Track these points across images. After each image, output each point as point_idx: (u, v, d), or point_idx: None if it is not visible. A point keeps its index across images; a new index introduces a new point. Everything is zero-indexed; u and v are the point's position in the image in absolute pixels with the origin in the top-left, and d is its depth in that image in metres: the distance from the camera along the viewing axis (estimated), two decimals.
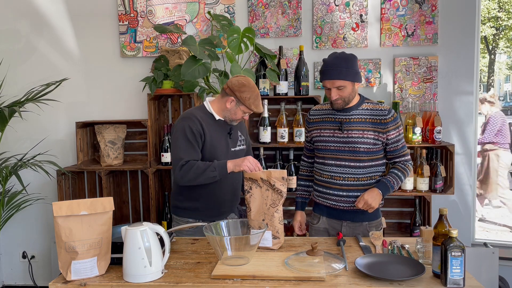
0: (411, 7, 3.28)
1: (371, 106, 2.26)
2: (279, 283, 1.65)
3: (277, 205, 2.01)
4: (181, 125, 2.24)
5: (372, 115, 2.23)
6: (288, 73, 3.29)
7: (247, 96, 2.21)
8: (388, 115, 2.22)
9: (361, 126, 2.23)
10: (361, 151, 2.22)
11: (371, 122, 2.23)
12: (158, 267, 1.72)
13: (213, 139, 2.26)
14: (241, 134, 2.44)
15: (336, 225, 2.33)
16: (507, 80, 24.01)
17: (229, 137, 2.35)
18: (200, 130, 2.22)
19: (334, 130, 2.27)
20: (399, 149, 2.28)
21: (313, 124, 2.37)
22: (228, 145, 2.33)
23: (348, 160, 2.24)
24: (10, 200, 3.41)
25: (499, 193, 5.64)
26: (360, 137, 2.22)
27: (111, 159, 3.36)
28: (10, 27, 3.64)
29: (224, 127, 2.33)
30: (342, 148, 2.25)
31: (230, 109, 2.26)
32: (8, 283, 3.83)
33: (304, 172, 2.52)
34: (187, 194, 2.34)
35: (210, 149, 2.25)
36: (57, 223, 1.69)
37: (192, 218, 2.35)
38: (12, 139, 3.66)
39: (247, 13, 3.43)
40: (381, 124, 2.22)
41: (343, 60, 2.15)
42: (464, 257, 1.57)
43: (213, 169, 2.13)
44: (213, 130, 2.28)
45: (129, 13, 3.50)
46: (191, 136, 2.20)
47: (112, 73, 3.59)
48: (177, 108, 3.54)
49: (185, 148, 2.20)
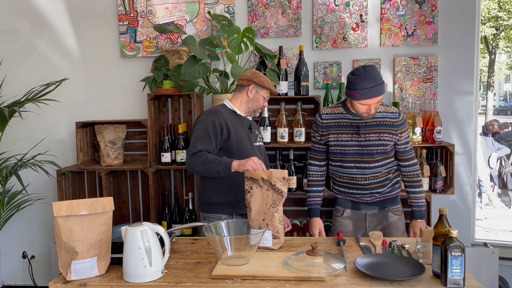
0: (411, 7, 3.28)
1: (383, 109, 2.35)
2: (279, 283, 1.65)
3: (277, 205, 2.01)
4: (204, 118, 2.34)
5: (385, 117, 2.34)
6: (288, 73, 3.29)
7: (264, 79, 2.39)
8: (399, 117, 2.35)
9: (377, 129, 2.33)
10: (378, 152, 2.34)
11: (385, 124, 2.34)
12: (158, 267, 1.72)
13: (238, 132, 2.35)
14: (258, 133, 2.56)
15: (360, 215, 2.48)
16: (507, 80, 24.00)
17: (250, 132, 2.44)
18: (222, 124, 2.30)
19: (352, 134, 2.35)
20: (407, 150, 2.41)
21: (327, 128, 2.40)
22: (250, 139, 2.42)
23: (367, 162, 2.35)
24: (10, 200, 3.41)
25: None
26: (377, 139, 2.32)
27: (111, 159, 3.36)
28: (10, 27, 3.64)
29: (245, 123, 2.44)
30: (361, 151, 2.35)
31: (252, 98, 2.40)
32: (8, 283, 3.83)
33: (314, 177, 2.53)
34: (216, 189, 2.37)
35: (236, 141, 2.33)
36: (57, 223, 1.69)
37: (224, 214, 2.37)
38: (12, 139, 3.66)
39: (247, 13, 3.43)
40: (394, 126, 2.34)
41: (377, 76, 2.20)
42: (464, 257, 1.57)
43: (219, 163, 2.15)
44: (237, 124, 2.38)
45: (129, 13, 3.50)
46: (211, 128, 2.27)
47: (112, 73, 3.59)
48: (177, 108, 3.54)
49: (201, 139, 2.26)
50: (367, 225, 2.46)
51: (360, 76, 2.19)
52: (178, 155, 3.26)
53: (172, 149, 3.31)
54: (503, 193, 7.07)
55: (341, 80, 3.35)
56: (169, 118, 3.55)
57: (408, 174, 2.43)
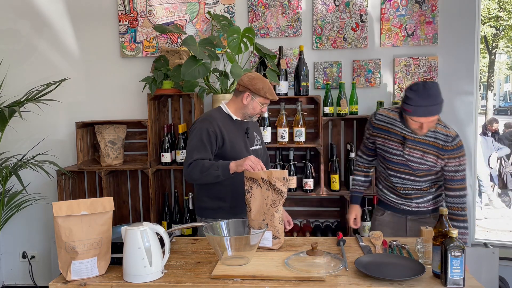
0: (411, 7, 3.28)
1: (438, 128, 2.18)
2: (279, 283, 1.65)
3: (277, 205, 2.00)
4: (198, 126, 2.31)
5: (436, 138, 2.18)
6: (288, 73, 3.29)
7: (260, 87, 2.27)
8: (451, 142, 2.16)
9: (423, 147, 2.20)
10: (420, 169, 2.24)
11: (434, 145, 2.18)
12: (158, 267, 1.72)
13: (232, 139, 2.31)
14: (257, 135, 2.49)
15: (401, 218, 2.40)
16: (507, 80, 24.01)
17: (247, 136, 2.40)
18: (216, 131, 2.27)
19: (397, 143, 2.26)
20: (455, 180, 2.20)
21: (378, 130, 2.33)
22: (246, 144, 2.37)
23: (409, 174, 2.28)
24: (10, 200, 3.41)
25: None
26: (420, 158, 2.21)
27: (111, 159, 3.36)
28: (10, 27, 3.64)
29: (241, 127, 2.38)
30: (404, 162, 2.26)
31: (247, 105, 2.32)
32: (8, 283, 3.83)
33: (361, 168, 2.53)
34: (211, 194, 2.37)
35: (230, 148, 2.30)
36: (57, 223, 1.69)
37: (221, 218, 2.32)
38: (12, 139, 3.66)
39: (247, 13, 3.43)
40: (442, 150, 2.17)
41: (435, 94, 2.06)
42: (464, 257, 1.57)
43: (217, 168, 2.16)
44: (231, 130, 2.33)
45: (129, 13, 3.50)
46: (206, 137, 2.25)
47: (112, 73, 3.59)
48: (177, 108, 3.54)
49: (197, 148, 2.25)
50: (408, 229, 2.38)
51: (417, 92, 2.06)
52: (178, 155, 3.26)
53: (172, 149, 3.31)
54: (503, 193, 7.07)
55: (341, 80, 3.35)
56: (169, 118, 3.55)
57: (451, 206, 2.22)
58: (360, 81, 3.36)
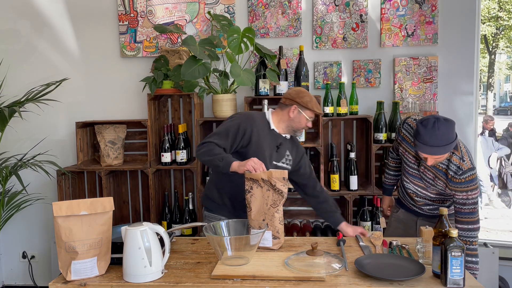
0: (411, 7, 3.28)
1: (453, 159, 2.10)
2: (279, 283, 1.66)
3: (277, 205, 2.01)
4: (236, 118, 2.33)
5: (448, 168, 2.11)
6: (288, 73, 3.29)
7: (308, 100, 2.28)
8: (461, 175, 2.07)
9: (436, 172, 2.17)
10: (431, 186, 2.24)
11: (445, 173, 2.13)
12: (158, 267, 1.72)
13: (259, 144, 2.28)
14: (289, 154, 2.40)
15: (412, 217, 2.44)
16: (507, 80, 24.01)
17: (276, 150, 2.34)
18: (246, 130, 2.25)
19: (415, 158, 2.26)
20: (462, 212, 2.10)
21: (402, 140, 2.31)
22: (271, 156, 2.32)
23: (421, 187, 2.30)
24: (10, 200, 3.41)
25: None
26: (431, 179, 2.21)
27: (111, 159, 3.36)
28: (10, 27, 3.64)
29: (274, 139, 2.34)
30: (417, 176, 2.28)
31: (294, 118, 2.31)
32: (8, 283, 3.83)
33: (392, 163, 2.58)
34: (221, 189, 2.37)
35: (253, 151, 2.26)
36: (57, 223, 1.69)
37: (223, 216, 2.34)
38: (12, 139, 3.66)
39: (247, 13, 3.43)
40: (451, 181, 2.11)
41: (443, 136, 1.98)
42: (464, 257, 1.57)
43: (221, 159, 2.13)
44: (263, 136, 2.30)
45: (129, 13, 3.50)
46: (233, 130, 2.25)
47: (112, 73, 3.59)
48: (177, 108, 3.54)
49: (220, 134, 2.25)
50: (418, 228, 2.38)
51: (426, 128, 2.00)
52: (178, 155, 3.26)
53: (172, 149, 3.31)
54: (503, 193, 7.07)
55: (341, 80, 3.35)
56: (169, 118, 3.55)
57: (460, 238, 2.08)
58: (360, 81, 3.36)
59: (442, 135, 1.97)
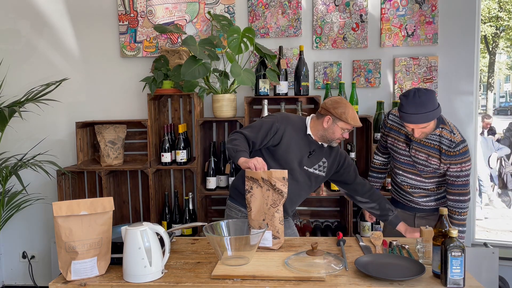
0: (411, 7, 3.28)
1: (444, 133, 2.20)
2: (279, 283, 1.66)
3: (277, 205, 2.01)
4: (275, 116, 2.34)
5: (440, 143, 2.20)
6: (288, 73, 3.29)
7: (343, 111, 2.22)
8: (454, 148, 2.17)
9: (428, 150, 2.23)
10: (426, 171, 2.28)
11: (438, 149, 2.21)
12: (158, 267, 1.72)
13: (291, 147, 2.28)
14: (326, 161, 2.36)
15: (409, 216, 2.45)
16: (507, 80, 24.02)
17: (308, 155, 2.32)
18: (279, 130, 2.26)
19: (405, 144, 2.31)
20: (456, 185, 2.23)
21: (390, 130, 2.39)
22: (302, 161, 2.30)
23: (415, 174, 2.33)
24: (10, 200, 3.41)
25: None
26: (424, 160, 2.25)
27: (111, 159, 3.36)
28: (10, 27, 3.64)
29: (309, 145, 2.31)
30: (411, 163, 2.31)
31: (327, 128, 2.26)
32: (8, 283, 3.83)
33: (376, 165, 2.59)
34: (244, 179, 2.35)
35: (283, 152, 2.26)
36: (57, 223, 1.69)
37: (244, 208, 2.32)
38: (12, 139, 3.66)
39: (247, 13, 3.43)
40: (444, 155, 2.19)
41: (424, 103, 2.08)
42: (464, 257, 1.57)
43: (235, 150, 2.14)
44: (297, 140, 2.29)
45: (129, 13, 3.50)
46: (266, 126, 2.25)
47: (112, 73, 3.59)
48: (177, 108, 3.54)
49: (253, 127, 2.27)
50: (416, 226, 2.41)
51: (407, 98, 2.11)
52: (178, 155, 3.26)
53: (172, 149, 3.31)
54: (503, 193, 7.07)
55: (341, 80, 3.35)
56: (169, 118, 3.55)
57: (450, 209, 2.26)
58: (360, 81, 3.36)
59: (423, 103, 2.07)
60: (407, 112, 2.10)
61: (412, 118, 2.10)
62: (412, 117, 2.09)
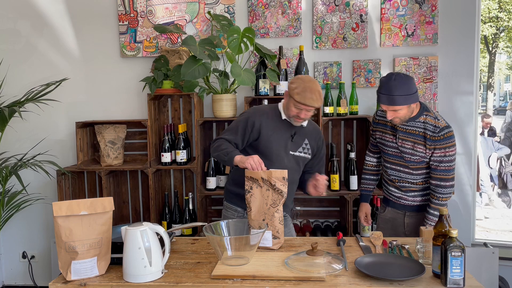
0: (411, 7, 3.28)
1: (428, 119, 2.24)
2: (279, 283, 1.65)
3: (277, 205, 2.00)
4: (245, 113, 2.36)
5: (425, 129, 2.24)
6: (288, 73, 3.29)
7: (294, 86, 2.17)
8: (439, 133, 2.21)
9: (414, 138, 2.27)
10: (413, 161, 2.30)
11: (423, 135, 2.24)
12: (158, 267, 1.72)
13: (270, 136, 2.28)
14: (308, 143, 2.36)
15: (399, 215, 2.46)
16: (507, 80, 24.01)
17: (291, 139, 2.32)
18: (255, 124, 2.26)
19: (392, 136, 2.35)
20: (438, 170, 2.25)
21: (378, 125, 2.44)
22: (286, 146, 2.30)
23: (403, 166, 2.35)
24: (10, 200, 3.41)
25: None
26: (410, 149, 2.28)
27: (111, 159, 3.36)
28: (10, 27, 3.64)
29: (288, 129, 2.31)
30: (399, 155, 2.34)
31: (286, 105, 2.28)
32: (8, 283, 3.83)
33: (369, 166, 2.59)
34: (236, 179, 2.38)
35: (265, 143, 2.27)
36: (57, 223, 1.69)
37: (240, 208, 2.36)
38: (12, 139, 3.65)
39: (247, 13, 3.43)
40: (429, 140, 2.23)
41: (398, 86, 2.13)
42: (464, 257, 1.57)
43: (226, 154, 2.16)
44: (274, 127, 2.29)
45: (129, 13, 3.50)
46: (242, 124, 2.27)
47: (112, 73, 3.59)
48: (177, 108, 3.54)
49: (230, 130, 2.29)
50: (405, 225, 2.42)
51: (385, 80, 2.18)
52: (178, 155, 3.26)
53: (172, 149, 3.31)
54: (503, 193, 7.07)
55: (341, 80, 3.35)
56: (169, 118, 3.55)
57: (430, 192, 2.30)
58: (360, 81, 3.36)
59: (396, 86, 2.13)
60: (380, 92, 2.18)
61: (382, 98, 2.17)
62: (383, 97, 2.17)
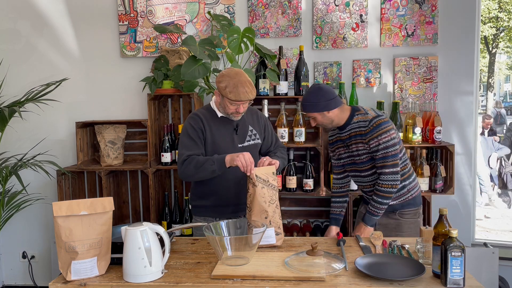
0: (411, 7, 3.28)
1: (360, 118, 2.30)
2: (279, 283, 1.65)
3: (275, 200, 2.04)
4: (185, 123, 2.31)
5: (359, 127, 2.30)
6: (288, 73, 3.29)
7: (223, 86, 2.14)
8: (368, 124, 2.25)
9: (354, 139, 2.33)
10: (361, 162, 2.34)
11: (358, 134, 2.31)
12: (158, 267, 1.72)
13: (215, 136, 2.27)
14: (252, 129, 2.37)
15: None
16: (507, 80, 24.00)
17: (235, 133, 2.31)
18: (200, 127, 2.25)
19: (343, 147, 2.41)
20: (377, 159, 2.25)
21: (332, 145, 2.50)
22: (233, 141, 2.30)
23: (358, 171, 2.39)
24: (10, 200, 3.41)
25: None
26: (355, 150, 2.34)
27: (111, 159, 3.36)
28: (10, 27, 3.64)
29: (229, 123, 2.31)
30: (351, 162, 2.40)
31: (220, 103, 2.25)
32: (8, 283, 3.83)
33: (336, 189, 2.56)
34: (197, 192, 2.37)
35: (212, 145, 2.26)
36: (57, 223, 1.69)
37: (210, 217, 2.34)
38: (12, 139, 3.65)
39: (247, 13, 3.43)
40: (363, 135, 2.28)
41: (311, 94, 2.27)
42: (464, 257, 1.57)
43: (212, 162, 2.13)
44: (216, 126, 2.28)
45: (129, 13, 3.50)
46: (192, 132, 2.24)
47: (112, 73, 3.59)
48: (177, 108, 3.54)
49: (187, 145, 2.23)
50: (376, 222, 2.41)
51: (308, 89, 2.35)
52: (178, 155, 3.26)
53: (172, 149, 3.31)
54: (503, 193, 7.07)
55: (341, 80, 3.35)
56: (169, 118, 3.55)
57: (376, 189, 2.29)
58: (360, 81, 3.36)
59: (309, 93, 2.28)
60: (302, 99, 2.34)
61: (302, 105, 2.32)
62: (302, 104, 2.32)
